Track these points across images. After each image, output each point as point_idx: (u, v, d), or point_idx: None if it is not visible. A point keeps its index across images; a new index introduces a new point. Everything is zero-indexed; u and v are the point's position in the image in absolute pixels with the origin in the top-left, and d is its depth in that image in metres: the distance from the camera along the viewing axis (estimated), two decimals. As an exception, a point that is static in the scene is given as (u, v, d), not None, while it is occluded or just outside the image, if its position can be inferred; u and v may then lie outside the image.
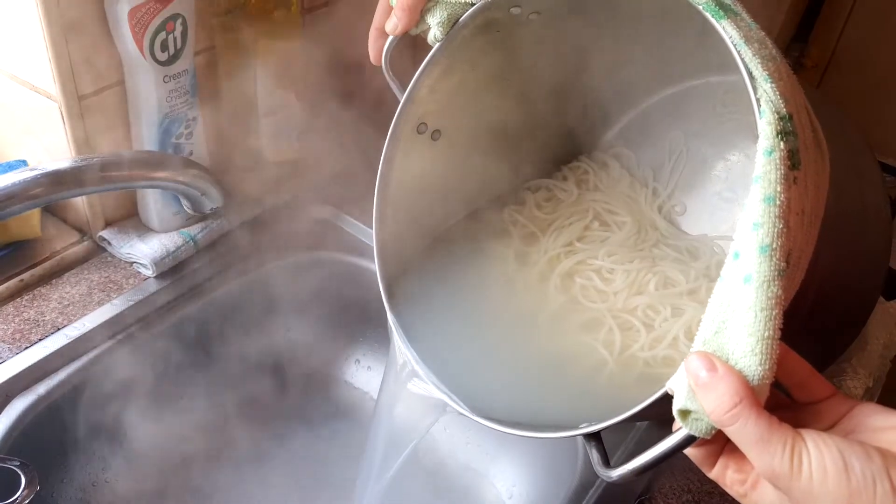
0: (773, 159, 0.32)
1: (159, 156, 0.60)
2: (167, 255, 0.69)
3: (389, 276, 0.49)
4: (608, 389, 0.48)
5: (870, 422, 0.35)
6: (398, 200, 0.51)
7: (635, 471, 0.35)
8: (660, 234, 0.56)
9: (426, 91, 0.48)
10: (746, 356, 0.32)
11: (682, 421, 0.33)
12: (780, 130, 0.33)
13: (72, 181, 0.46)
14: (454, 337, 0.51)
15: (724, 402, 0.31)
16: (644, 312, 0.50)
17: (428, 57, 0.46)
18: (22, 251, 0.69)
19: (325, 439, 0.76)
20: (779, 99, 0.33)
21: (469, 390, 0.46)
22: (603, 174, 0.60)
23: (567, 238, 0.56)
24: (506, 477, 0.71)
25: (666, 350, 0.48)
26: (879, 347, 0.73)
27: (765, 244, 0.32)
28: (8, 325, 0.64)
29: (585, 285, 0.53)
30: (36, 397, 0.60)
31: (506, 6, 0.45)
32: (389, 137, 0.49)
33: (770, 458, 0.31)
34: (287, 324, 0.78)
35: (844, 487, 0.30)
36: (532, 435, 0.41)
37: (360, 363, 0.81)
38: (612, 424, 0.37)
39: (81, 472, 0.65)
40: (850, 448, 0.31)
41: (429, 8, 0.44)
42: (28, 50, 0.60)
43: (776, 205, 0.32)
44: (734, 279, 0.32)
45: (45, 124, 0.64)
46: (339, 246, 0.77)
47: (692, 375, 0.32)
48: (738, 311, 0.32)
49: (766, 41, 0.35)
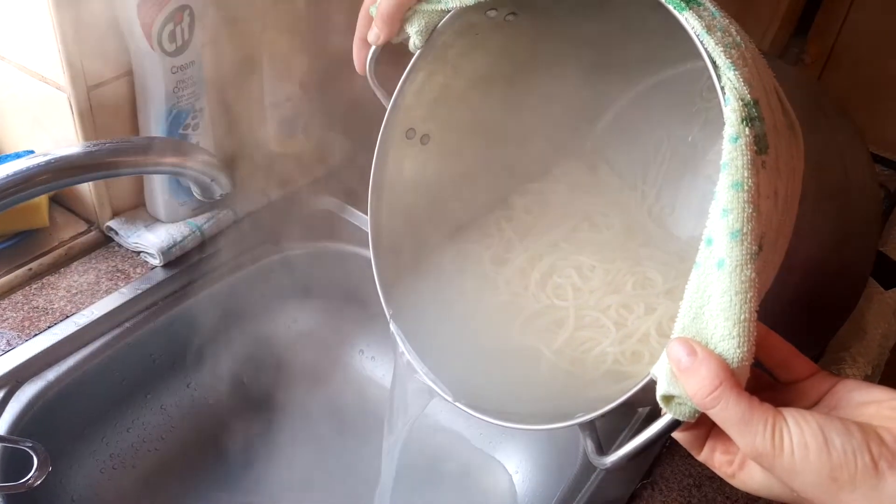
0: (738, 145, 0.33)
1: (170, 142, 0.60)
2: (174, 245, 0.70)
3: (388, 282, 0.50)
4: (572, 387, 0.48)
5: (851, 397, 0.35)
6: (393, 206, 0.52)
7: (626, 456, 0.36)
8: (649, 238, 0.56)
9: (412, 97, 0.49)
10: (725, 340, 0.32)
11: (665, 406, 0.34)
12: (744, 116, 0.33)
13: (84, 166, 0.47)
14: (449, 338, 0.51)
15: (705, 386, 0.32)
16: (617, 311, 0.51)
17: (410, 64, 0.48)
18: (30, 240, 0.69)
19: (329, 429, 0.76)
20: (742, 85, 0.33)
21: (466, 386, 0.47)
22: (593, 177, 0.60)
23: (553, 238, 0.56)
24: (513, 458, 0.71)
25: (636, 345, 0.49)
26: (878, 336, 0.74)
27: (735, 229, 0.32)
28: (17, 313, 0.64)
29: (562, 283, 0.53)
30: (45, 383, 0.61)
31: (482, 10, 0.45)
32: (379, 146, 0.50)
33: (752, 438, 0.32)
34: (292, 314, 0.79)
35: (826, 462, 0.31)
36: (525, 427, 0.43)
37: (364, 353, 0.81)
38: (603, 413, 0.38)
39: (90, 459, 0.66)
40: (830, 424, 0.32)
41: (408, 17, 0.45)
42: (38, 41, 0.61)
43: (744, 190, 0.32)
44: (708, 265, 0.33)
45: (54, 115, 0.65)
46: (345, 237, 0.78)
47: (673, 361, 0.33)
48: (714, 296, 0.33)
49: (730, 28, 0.36)
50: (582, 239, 0.56)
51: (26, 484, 0.46)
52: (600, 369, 0.48)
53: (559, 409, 0.43)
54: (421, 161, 0.53)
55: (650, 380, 0.35)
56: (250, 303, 0.75)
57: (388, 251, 0.51)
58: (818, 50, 1.17)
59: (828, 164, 0.52)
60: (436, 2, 0.44)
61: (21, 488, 0.46)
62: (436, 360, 0.48)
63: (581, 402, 0.46)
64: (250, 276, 0.75)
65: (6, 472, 0.54)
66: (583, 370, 0.49)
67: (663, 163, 0.58)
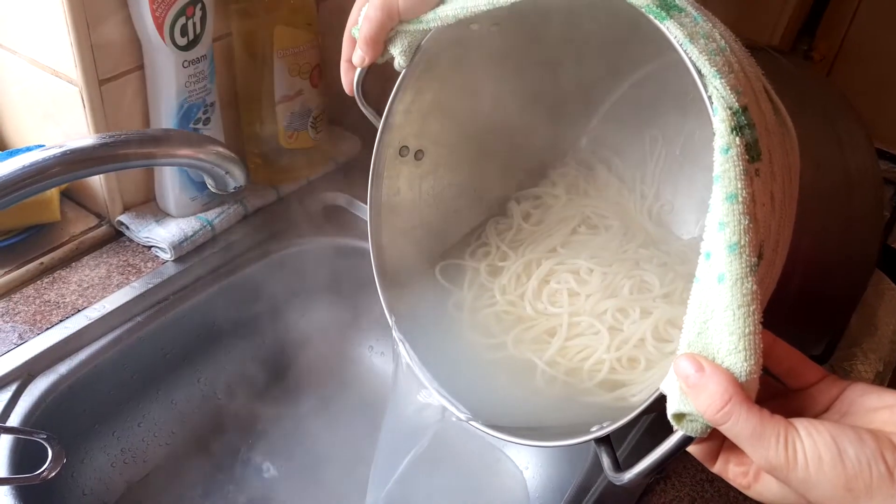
0: (730, 156, 0.32)
1: (184, 134, 0.60)
2: (185, 240, 0.70)
3: (392, 302, 0.50)
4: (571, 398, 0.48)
5: (863, 401, 0.35)
6: (393, 226, 0.52)
7: (642, 473, 0.36)
8: (649, 239, 0.55)
9: (401, 116, 0.50)
10: (731, 354, 0.32)
11: (677, 424, 0.34)
12: (734, 126, 0.33)
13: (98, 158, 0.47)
14: (452, 352, 0.51)
15: (714, 402, 0.32)
16: (613, 315, 0.50)
17: (397, 83, 0.48)
18: (41, 235, 0.70)
19: (338, 423, 0.76)
20: (730, 94, 0.33)
21: (471, 401, 0.47)
22: (590, 179, 0.59)
23: (551, 244, 0.55)
24: (523, 453, 0.71)
25: (632, 351, 0.48)
26: (890, 333, 0.73)
27: (732, 242, 0.32)
28: (29, 307, 0.64)
29: (559, 289, 0.53)
30: (57, 377, 0.61)
31: (464, 25, 0.45)
32: (373, 167, 0.50)
33: (765, 451, 0.32)
34: (302, 309, 0.79)
35: (840, 473, 0.31)
36: (542, 444, 0.42)
37: (374, 349, 0.81)
38: (618, 427, 0.38)
39: (101, 453, 0.66)
40: (842, 433, 0.32)
41: (390, 38, 0.45)
42: (50, 35, 0.61)
43: (739, 201, 0.32)
44: (708, 280, 0.33)
45: (66, 109, 0.65)
46: (354, 233, 0.78)
47: (682, 377, 0.33)
48: (717, 311, 0.32)
49: (714, 33, 0.35)
50: (580, 242, 0.55)
51: (41, 476, 0.46)
52: (596, 378, 0.48)
53: (567, 422, 0.42)
54: (417, 177, 0.53)
55: (661, 393, 0.34)
56: (260, 298, 0.75)
57: (391, 271, 0.52)
58: (827, 47, 1.16)
59: (826, 155, 0.51)
60: (416, 21, 0.44)
61: (35, 480, 0.46)
62: (442, 376, 0.48)
63: (584, 414, 0.46)
64: (260, 271, 0.75)
65: (19, 465, 0.54)
66: (579, 380, 0.49)
67: (660, 158, 0.57)
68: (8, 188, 0.44)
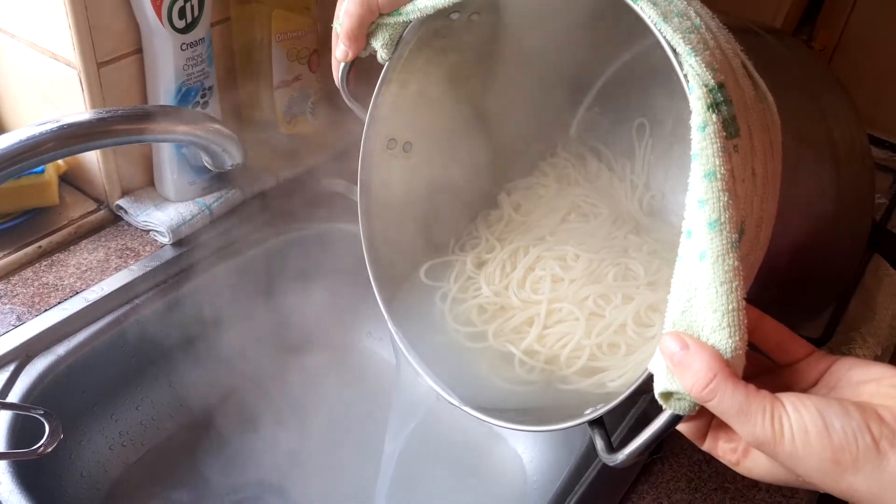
0: (707, 134, 0.32)
1: (181, 110, 0.61)
2: (183, 223, 0.70)
3: (387, 295, 0.50)
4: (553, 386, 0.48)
5: (850, 375, 0.35)
6: (385, 217, 0.52)
7: (634, 453, 0.36)
8: (638, 226, 0.55)
9: (388, 108, 0.49)
10: (716, 331, 0.32)
11: (665, 403, 0.34)
12: (710, 103, 0.33)
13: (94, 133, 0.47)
14: (444, 343, 0.51)
15: (700, 379, 0.32)
16: (595, 302, 0.50)
17: (381, 76, 0.48)
18: (40, 218, 0.70)
19: (337, 408, 0.76)
20: (705, 71, 0.33)
21: (466, 389, 0.47)
22: (581, 168, 0.59)
23: (540, 233, 0.55)
24: (521, 437, 0.72)
25: (612, 336, 0.48)
26: (888, 317, 0.73)
27: (713, 220, 0.32)
28: (27, 289, 0.65)
29: (542, 276, 0.53)
30: (56, 357, 0.61)
31: (444, 15, 0.45)
32: (361, 161, 0.50)
33: (752, 427, 0.32)
34: (300, 294, 0.79)
35: (827, 446, 0.31)
36: (536, 429, 0.43)
37: (372, 335, 0.81)
38: (610, 408, 0.38)
39: (99, 435, 0.66)
40: (828, 407, 0.32)
41: (371, 32, 0.46)
42: (48, 17, 0.61)
43: (717, 178, 0.32)
44: (690, 258, 0.33)
45: (64, 92, 0.65)
46: (352, 218, 0.78)
47: (667, 356, 0.33)
48: (700, 288, 0.32)
49: (688, 11, 0.35)
50: (569, 230, 0.55)
51: (37, 451, 0.47)
52: (575, 366, 0.48)
53: (557, 406, 0.42)
54: (406, 170, 0.53)
55: (649, 373, 0.34)
56: (258, 282, 0.75)
57: (384, 265, 0.51)
58: (827, 37, 1.16)
59: (809, 131, 0.51)
60: (396, 14, 0.44)
61: (32, 455, 0.46)
62: (434, 365, 0.48)
63: (566, 400, 0.46)
64: (258, 256, 0.75)
65: (16, 443, 0.55)
66: (558, 367, 0.49)
67: (650, 144, 0.57)
68: (4, 163, 0.44)
